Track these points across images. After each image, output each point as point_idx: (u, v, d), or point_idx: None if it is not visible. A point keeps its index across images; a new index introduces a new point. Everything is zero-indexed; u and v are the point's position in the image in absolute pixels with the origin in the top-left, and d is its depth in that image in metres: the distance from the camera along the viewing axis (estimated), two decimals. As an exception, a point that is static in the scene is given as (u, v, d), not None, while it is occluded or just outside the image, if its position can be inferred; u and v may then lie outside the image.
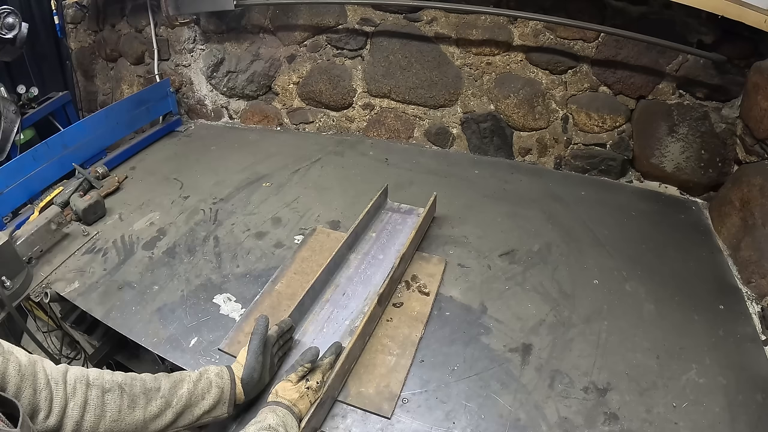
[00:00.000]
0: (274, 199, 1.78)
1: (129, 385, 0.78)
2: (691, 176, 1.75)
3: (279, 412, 0.84)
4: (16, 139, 2.07)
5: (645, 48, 1.64)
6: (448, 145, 2.14)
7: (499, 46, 1.86)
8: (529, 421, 0.98)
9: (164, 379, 0.82)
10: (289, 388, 0.90)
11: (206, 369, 0.89)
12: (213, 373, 0.87)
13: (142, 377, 0.82)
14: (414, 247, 1.42)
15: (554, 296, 1.30)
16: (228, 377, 0.88)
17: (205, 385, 0.84)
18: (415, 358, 1.12)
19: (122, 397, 0.76)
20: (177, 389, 0.81)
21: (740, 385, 1.05)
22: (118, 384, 0.77)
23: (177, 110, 2.45)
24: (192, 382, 0.83)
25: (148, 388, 0.79)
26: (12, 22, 0.57)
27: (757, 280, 1.30)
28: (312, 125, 2.39)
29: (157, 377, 0.83)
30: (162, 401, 0.79)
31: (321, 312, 1.24)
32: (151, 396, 0.79)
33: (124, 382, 0.78)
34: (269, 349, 0.98)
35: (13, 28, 0.55)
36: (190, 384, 0.83)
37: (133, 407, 0.76)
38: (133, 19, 2.52)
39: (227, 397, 0.87)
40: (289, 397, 0.88)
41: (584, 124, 1.86)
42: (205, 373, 0.87)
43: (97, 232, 1.63)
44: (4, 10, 0.55)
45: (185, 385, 0.82)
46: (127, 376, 0.80)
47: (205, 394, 0.84)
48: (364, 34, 2.06)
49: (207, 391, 0.84)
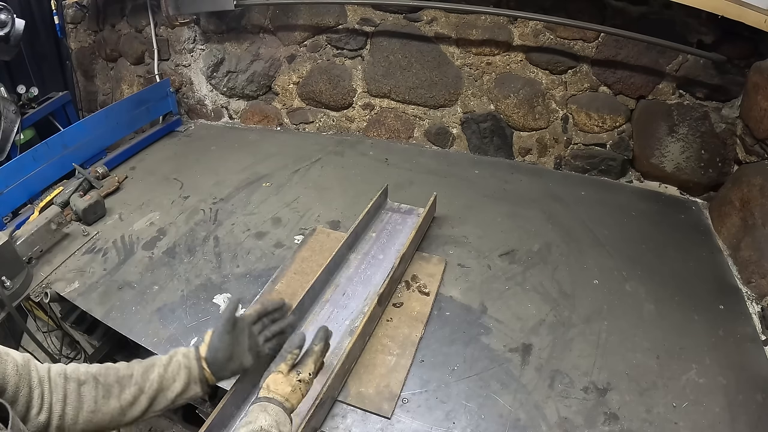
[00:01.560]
0: (274, 199, 1.78)
1: (103, 375, 0.79)
2: (691, 176, 1.75)
3: (271, 410, 0.82)
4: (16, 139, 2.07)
5: (645, 48, 1.64)
6: (448, 145, 2.14)
7: (499, 46, 1.86)
8: (529, 421, 0.98)
9: (136, 366, 0.83)
10: (280, 381, 0.88)
11: (176, 351, 0.88)
12: (181, 354, 0.87)
13: (116, 366, 0.82)
14: (414, 247, 1.42)
15: (554, 296, 1.30)
16: (194, 357, 0.87)
17: (174, 368, 0.84)
18: (415, 358, 1.12)
19: (97, 388, 0.77)
20: (148, 374, 0.82)
21: (740, 385, 1.05)
22: (93, 375, 0.78)
23: (177, 110, 2.45)
24: (162, 366, 0.84)
25: (120, 376, 0.80)
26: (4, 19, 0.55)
27: (757, 280, 1.30)
28: (312, 125, 2.39)
29: (130, 365, 0.83)
30: (135, 388, 0.80)
31: (321, 312, 1.24)
32: (125, 383, 0.80)
33: (98, 372, 0.79)
34: (243, 329, 0.94)
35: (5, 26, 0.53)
36: (161, 368, 0.83)
37: (108, 396, 0.78)
38: (133, 19, 2.52)
39: (196, 377, 0.86)
40: (281, 392, 0.86)
41: (584, 124, 1.86)
42: (175, 356, 0.87)
43: (97, 232, 1.63)
44: None
45: (156, 370, 0.83)
46: (102, 367, 0.81)
47: (175, 376, 0.84)
48: (364, 34, 2.06)
49: (177, 374, 0.84)
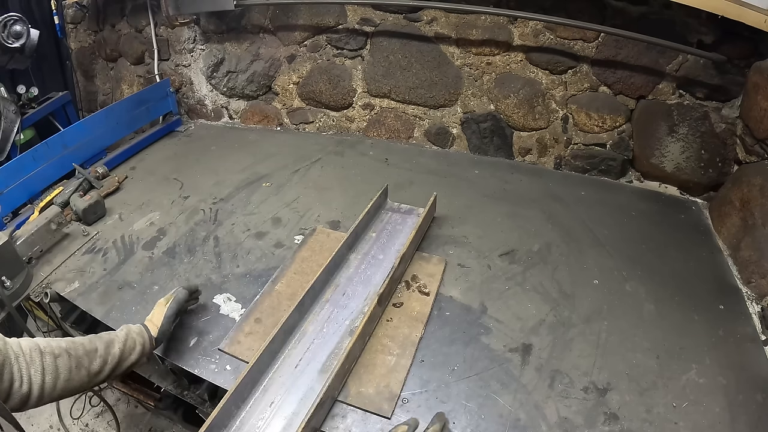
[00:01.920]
0: (274, 199, 1.78)
1: (73, 349, 0.91)
2: (691, 176, 1.75)
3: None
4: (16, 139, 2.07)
5: (645, 48, 1.64)
6: (448, 145, 2.14)
7: (499, 46, 1.86)
8: (529, 421, 0.98)
9: (98, 342, 0.97)
10: None
11: (129, 329, 1.03)
12: (135, 333, 1.03)
13: (81, 341, 0.94)
14: (414, 247, 1.42)
15: (554, 296, 1.30)
16: (147, 337, 1.05)
17: (131, 344, 1.01)
18: (415, 358, 1.12)
19: (70, 360, 0.89)
20: (110, 349, 0.97)
21: (740, 385, 1.05)
22: (65, 349, 0.90)
23: (177, 110, 2.45)
24: (121, 341, 0.99)
25: (88, 350, 0.93)
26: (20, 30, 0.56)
27: (757, 280, 1.30)
28: (312, 125, 2.39)
29: (92, 340, 0.96)
30: (100, 360, 0.94)
31: (321, 312, 1.24)
32: (92, 356, 0.93)
33: (68, 347, 0.91)
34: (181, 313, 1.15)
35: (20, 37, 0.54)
36: (120, 344, 0.99)
37: (79, 367, 0.91)
38: (133, 19, 2.52)
39: (147, 351, 1.05)
40: None
41: (584, 124, 1.86)
42: (130, 333, 1.02)
43: (97, 232, 1.63)
44: (11, 18, 0.54)
45: (116, 345, 0.98)
46: (69, 341, 0.93)
47: (132, 351, 1.01)
48: (364, 34, 2.06)
49: (133, 349, 1.01)
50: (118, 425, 1.41)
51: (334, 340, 1.16)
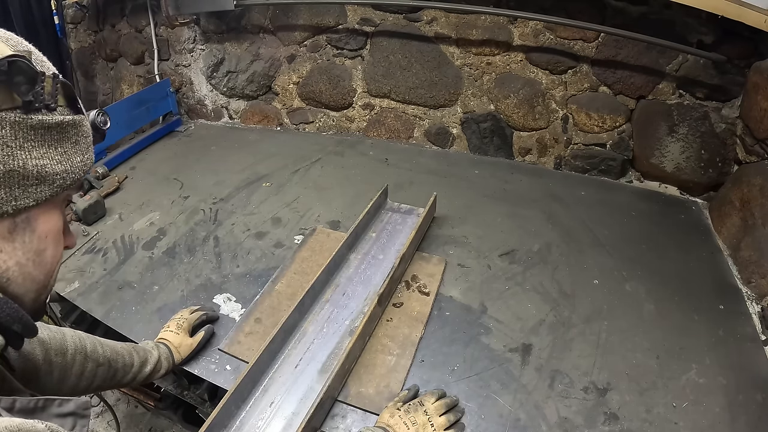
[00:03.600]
0: (274, 199, 1.78)
1: (114, 361, 0.95)
2: (691, 176, 1.75)
3: None
4: (16, 139, 2.07)
5: (645, 48, 1.64)
6: (448, 145, 2.14)
7: (499, 46, 1.86)
8: (529, 421, 0.98)
9: (135, 356, 1.01)
10: None
11: (161, 352, 1.06)
12: (164, 357, 1.07)
13: (122, 353, 0.98)
14: (414, 247, 1.42)
15: (554, 296, 1.30)
16: (172, 363, 1.09)
17: (158, 368, 1.05)
18: (415, 358, 1.12)
19: (109, 371, 0.93)
20: (143, 368, 1.01)
21: (740, 385, 1.05)
22: (108, 359, 0.93)
23: (177, 110, 2.45)
24: (153, 363, 1.03)
25: (126, 363, 0.98)
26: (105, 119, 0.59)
27: (757, 280, 1.30)
28: (312, 125, 2.39)
29: (131, 353, 1.00)
30: (131, 375, 0.99)
31: (321, 312, 1.24)
32: (127, 371, 0.98)
33: (111, 358, 0.95)
34: None
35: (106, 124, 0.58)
36: (152, 366, 1.03)
37: (112, 378, 0.95)
38: (133, 19, 2.52)
39: (164, 375, 1.09)
40: None
41: (584, 124, 1.86)
42: (161, 358, 1.06)
43: (97, 232, 1.63)
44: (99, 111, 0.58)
45: (149, 366, 1.02)
46: (112, 350, 0.96)
47: (155, 373, 1.05)
48: (364, 34, 2.06)
49: (158, 372, 1.05)
50: (118, 425, 1.41)
51: (334, 340, 1.16)
